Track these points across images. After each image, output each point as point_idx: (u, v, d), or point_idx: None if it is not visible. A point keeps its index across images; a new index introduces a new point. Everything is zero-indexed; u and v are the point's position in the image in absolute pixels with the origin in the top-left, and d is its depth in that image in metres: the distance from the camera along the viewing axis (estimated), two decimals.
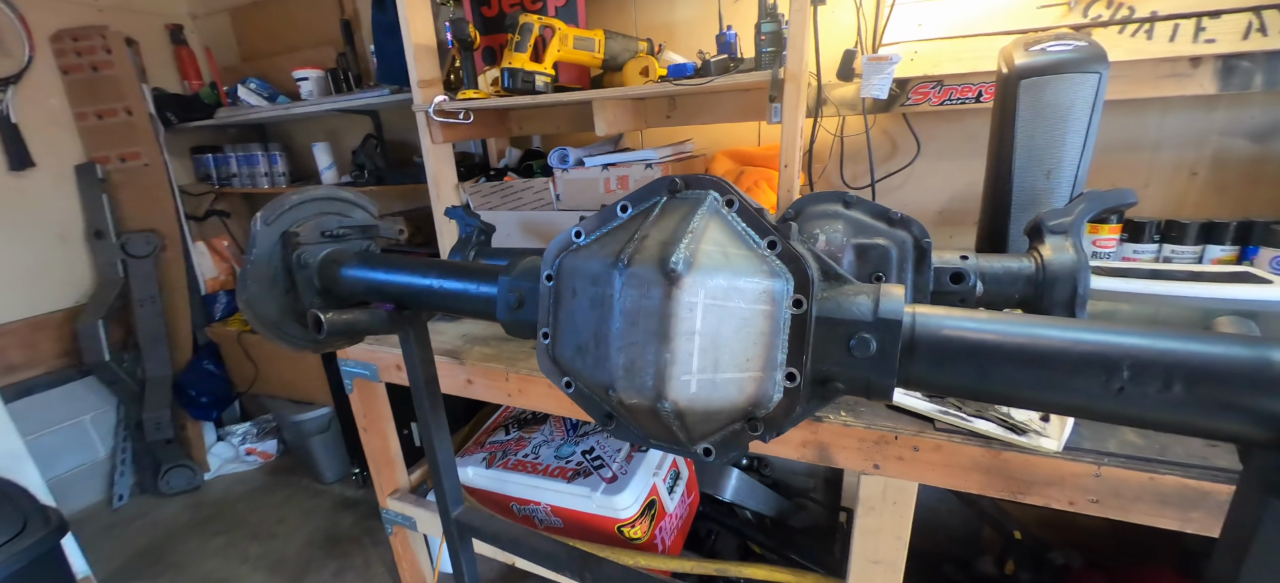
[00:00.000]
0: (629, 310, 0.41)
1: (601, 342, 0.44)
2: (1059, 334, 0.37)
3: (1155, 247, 0.90)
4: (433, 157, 1.28)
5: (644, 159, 1.12)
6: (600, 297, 0.44)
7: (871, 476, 0.70)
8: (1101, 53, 0.74)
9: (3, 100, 1.78)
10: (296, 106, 1.80)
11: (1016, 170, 0.80)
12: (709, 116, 1.30)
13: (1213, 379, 0.32)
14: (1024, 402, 0.39)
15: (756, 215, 0.44)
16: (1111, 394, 0.35)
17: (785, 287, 0.42)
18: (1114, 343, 0.35)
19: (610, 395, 0.44)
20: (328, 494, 1.99)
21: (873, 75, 0.92)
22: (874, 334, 0.41)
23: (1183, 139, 0.98)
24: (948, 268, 0.71)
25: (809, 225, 0.75)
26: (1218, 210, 0.98)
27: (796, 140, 0.89)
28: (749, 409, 0.43)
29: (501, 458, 1.19)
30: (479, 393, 0.97)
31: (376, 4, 1.39)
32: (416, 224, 1.76)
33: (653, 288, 0.40)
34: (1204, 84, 0.87)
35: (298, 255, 0.78)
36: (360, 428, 1.22)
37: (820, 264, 0.45)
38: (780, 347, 0.42)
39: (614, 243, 0.46)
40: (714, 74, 0.94)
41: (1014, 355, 0.38)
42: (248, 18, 2.14)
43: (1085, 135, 0.76)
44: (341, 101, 1.71)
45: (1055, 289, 0.67)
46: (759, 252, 0.43)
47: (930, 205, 1.21)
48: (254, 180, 2.13)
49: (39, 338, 1.90)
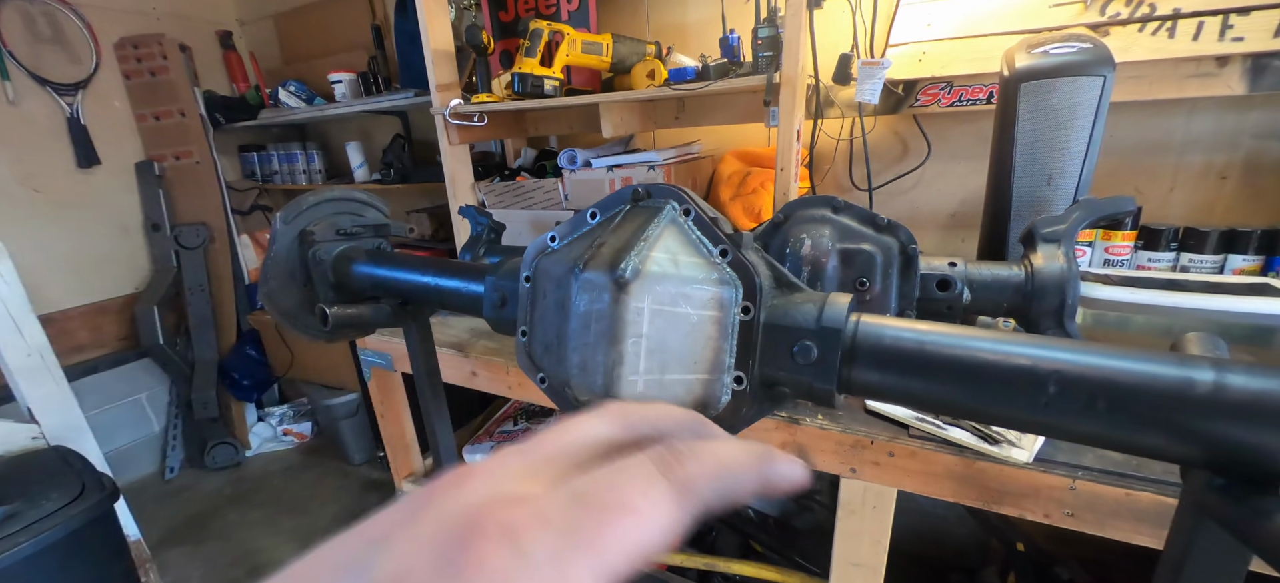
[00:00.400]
0: (583, 313, 0.44)
1: (562, 341, 0.47)
2: (991, 347, 0.37)
3: (1172, 255, 0.86)
4: (450, 157, 1.34)
5: (647, 161, 1.14)
6: (562, 299, 0.47)
7: (851, 479, 0.70)
8: (1107, 55, 0.71)
9: (73, 103, 1.95)
10: (331, 108, 1.90)
11: (1017, 176, 0.78)
12: (718, 117, 1.31)
13: (1136, 399, 0.32)
14: (960, 411, 0.39)
15: (711, 224, 0.46)
16: (1040, 408, 0.35)
17: (734, 294, 0.44)
18: (1041, 358, 0.35)
19: (567, 392, 0.47)
20: (355, 475, 2.11)
21: (866, 80, 0.91)
22: (815, 341, 0.42)
23: (1212, 141, 0.93)
24: (934, 275, 0.71)
25: (797, 229, 0.76)
26: (1251, 217, 0.92)
27: (793, 144, 0.89)
28: (698, 409, 0.45)
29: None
30: (482, 385, 1.02)
31: (399, 11, 1.46)
32: (439, 221, 1.83)
33: (603, 293, 0.43)
34: (1232, 84, 0.82)
35: (313, 252, 0.84)
36: (377, 414, 1.29)
37: (773, 272, 0.47)
38: (729, 351, 0.44)
39: (578, 248, 0.49)
40: (713, 78, 0.95)
41: (948, 365, 0.38)
42: (290, 23, 2.26)
43: (1089, 140, 0.74)
44: (371, 103, 1.79)
45: (1043, 298, 0.66)
46: (711, 260, 0.45)
47: (943, 208, 1.19)
48: (293, 177, 2.26)
49: (102, 321, 2.08)
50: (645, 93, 1.08)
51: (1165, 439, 0.33)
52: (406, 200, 2.11)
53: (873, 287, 0.71)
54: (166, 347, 2.10)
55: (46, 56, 1.90)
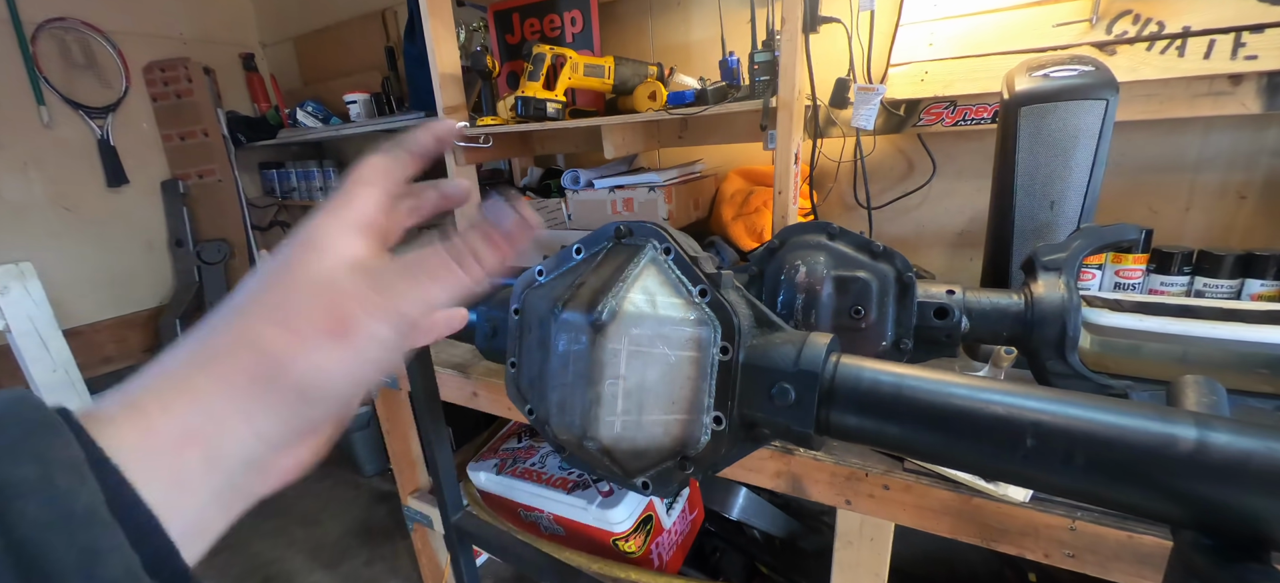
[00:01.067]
0: (562, 354, 0.44)
1: (544, 379, 0.47)
2: (967, 394, 0.37)
3: (1186, 279, 0.83)
4: (456, 177, 1.36)
5: (648, 182, 1.15)
6: (544, 337, 0.48)
7: (847, 511, 0.69)
8: (1110, 78, 0.70)
9: (103, 126, 2.04)
10: (346, 128, 1.95)
11: (1018, 200, 0.76)
12: (721, 137, 1.31)
13: (1116, 455, 0.31)
14: (937, 458, 0.38)
15: (690, 263, 0.46)
16: (1017, 459, 0.34)
17: (713, 334, 0.44)
18: (1020, 407, 0.34)
19: (548, 429, 0.47)
20: (367, 487, 2.14)
21: (862, 105, 0.90)
22: (793, 383, 0.41)
23: (1229, 160, 0.90)
24: (932, 303, 0.70)
25: (792, 256, 0.75)
26: (1270, 239, 0.89)
27: (790, 167, 0.89)
28: (678, 449, 0.45)
29: (511, 465, 1.25)
30: (484, 405, 1.03)
31: (407, 36, 1.49)
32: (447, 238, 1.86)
33: (581, 334, 0.43)
34: (1247, 103, 0.80)
35: None
36: (385, 431, 1.31)
37: (754, 312, 0.46)
38: (707, 391, 0.44)
39: (561, 286, 0.49)
40: (711, 102, 0.95)
41: (925, 411, 0.38)
42: (309, 45, 2.33)
43: (1092, 164, 0.72)
44: (385, 123, 1.84)
45: (1043, 328, 0.64)
46: (690, 300, 0.45)
47: (949, 227, 1.17)
48: (311, 194, 2.33)
49: (128, 334, 2.16)
50: (645, 115, 1.09)
51: (1147, 498, 0.32)
52: None
53: (868, 315, 0.70)
54: None
55: (79, 81, 1.99)
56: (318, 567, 1.74)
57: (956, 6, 0.95)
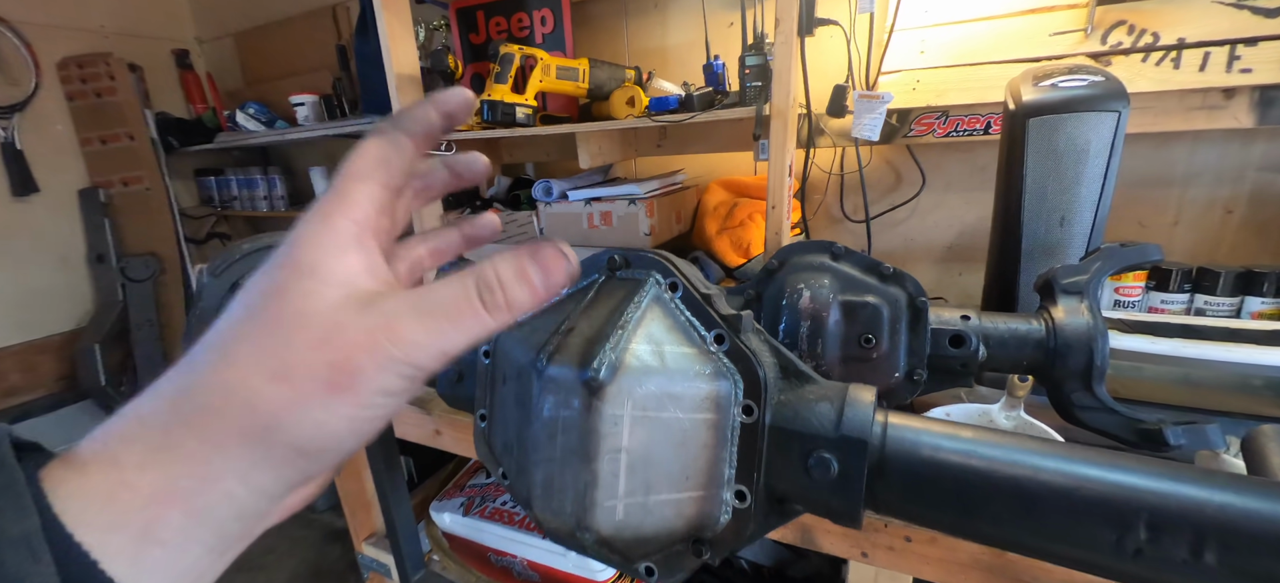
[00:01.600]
0: (549, 420, 0.36)
1: (522, 447, 0.38)
2: (1063, 468, 0.30)
3: (1186, 296, 0.81)
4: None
5: (628, 195, 1.07)
6: (523, 395, 0.39)
7: (861, 564, 0.63)
8: (1120, 89, 0.66)
9: (9, 127, 1.81)
10: (292, 132, 1.79)
11: (1026, 217, 0.72)
12: (701, 146, 1.25)
13: (1263, 552, 0.25)
14: (1015, 547, 0.32)
15: (703, 303, 0.38)
16: (1127, 556, 0.28)
17: (733, 390, 0.36)
18: (1131, 488, 0.28)
19: (531, 512, 0.38)
20: (318, 524, 1.96)
21: (864, 114, 0.85)
22: (835, 453, 0.34)
23: (1216, 174, 0.89)
24: (947, 330, 0.64)
25: (794, 278, 0.68)
26: (1258, 253, 0.88)
27: (784, 180, 0.83)
28: (692, 531, 0.37)
29: (479, 504, 1.14)
30: (447, 444, 0.92)
31: (360, 33, 1.37)
32: None
33: (572, 397, 0.34)
34: (1239, 117, 0.79)
35: None
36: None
37: (778, 358, 0.39)
38: (728, 460, 0.36)
39: (543, 329, 0.40)
40: (697, 109, 0.88)
41: (1004, 491, 0.31)
42: (251, 42, 2.15)
43: (1104, 179, 0.68)
44: (336, 128, 1.69)
45: (1068, 358, 0.60)
46: (704, 348, 0.37)
47: (939, 240, 1.13)
48: (254, 203, 2.14)
49: (39, 361, 1.91)
50: (624, 122, 1.01)
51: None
52: None
53: (880, 344, 0.63)
54: (110, 388, 1.94)
55: None
56: None
57: (948, 13, 0.92)
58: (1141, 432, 0.56)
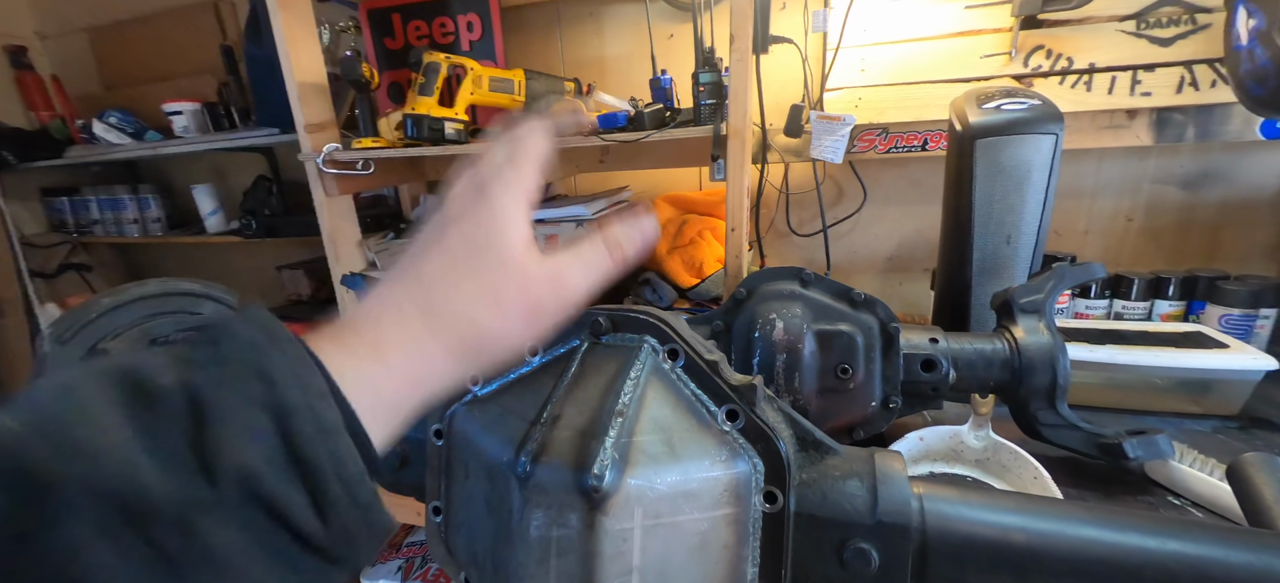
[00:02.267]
0: (538, 541, 0.29)
1: (501, 569, 0.31)
2: (1109, 538, 0.28)
3: (1106, 302, 0.88)
4: (327, 212, 1.10)
5: (575, 217, 1.00)
6: (498, 503, 0.31)
7: None
8: (1057, 111, 0.70)
9: None
10: (168, 145, 1.54)
11: (976, 235, 0.74)
12: (645, 162, 1.20)
13: None
14: None
15: (710, 373, 0.33)
16: None
17: (752, 472, 0.31)
18: (1198, 557, 0.26)
19: None
20: None
21: (824, 135, 0.84)
22: (874, 543, 0.30)
23: (1119, 187, 0.98)
24: (918, 354, 0.64)
25: (764, 308, 0.65)
26: (1155, 258, 0.98)
27: (742, 200, 0.80)
28: None
29: (420, 566, 1.02)
30: None
31: (250, 34, 1.19)
32: (320, 278, 1.54)
33: (568, 512, 0.28)
34: (1140, 135, 0.87)
35: None
36: None
37: (795, 429, 0.35)
38: (750, 559, 0.31)
39: (515, 414, 0.33)
40: (649, 127, 0.84)
41: (1060, 569, 0.29)
42: (110, 40, 1.83)
43: (1044, 197, 0.72)
44: (224, 140, 1.47)
45: (1032, 377, 0.61)
46: (715, 427, 0.32)
47: (879, 252, 1.17)
48: (121, 228, 1.82)
49: None
50: (570, 141, 0.94)
51: None
52: (279, 254, 1.77)
53: (856, 374, 0.62)
54: None
55: None
56: None
57: (886, 33, 0.94)
58: (1102, 446, 0.58)
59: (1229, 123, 0.84)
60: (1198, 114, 0.84)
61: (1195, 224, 0.95)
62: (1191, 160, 0.93)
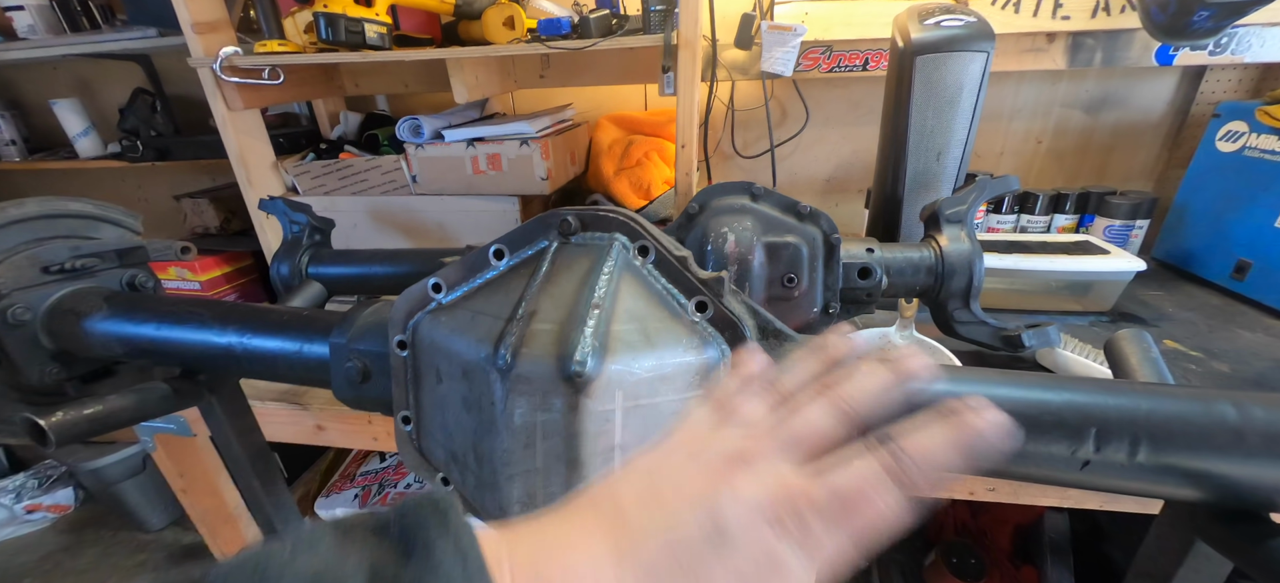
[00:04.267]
0: (523, 426, 0.30)
1: (484, 460, 0.32)
2: (1027, 396, 0.33)
3: (1014, 217, 0.97)
4: (232, 128, 0.98)
5: (519, 134, 0.95)
6: (476, 399, 0.32)
7: None
8: (990, 29, 0.73)
9: None
10: (11, 49, 1.28)
11: (910, 153, 0.78)
12: (589, 78, 1.15)
13: (1173, 440, 0.30)
14: (987, 471, 0.35)
15: (680, 268, 0.34)
16: (1077, 466, 0.32)
17: (720, 358, 0.33)
18: (1082, 405, 0.32)
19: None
20: (157, 544, 1.62)
21: (775, 47, 0.84)
22: None
23: (1032, 110, 1.06)
24: (856, 263, 0.68)
25: (716, 221, 0.67)
26: (1057, 177, 1.09)
27: (693, 116, 0.79)
28: None
29: (378, 492, 1.02)
30: (334, 440, 0.79)
31: None
32: (230, 208, 1.39)
33: (551, 397, 0.29)
34: (1056, 59, 0.93)
35: (1, 310, 0.52)
36: (176, 490, 0.95)
37: (757, 319, 0.37)
38: None
39: (488, 314, 0.33)
40: (595, 35, 0.79)
41: None
42: None
43: (972, 115, 0.76)
44: (80, 43, 1.24)
45: (953, 279, 0.68)
46: (686, 318, 0.33)
47: (818, 174, 1.21)
48: None
49: None
50: (506, 49, 0.88)
51: (1188, 481, 0.33)
52: (175, 182, 1.58)
53: (800, 283, 0.66)
54: None
55: None
56: None
57: None
58: (1004, 338, 0.66)
59: (1131, 48, 0.92)
60: (1107, 40, 0.91)
61: (1092, 146, 1.06)
62: (1096, 85, 1.02)
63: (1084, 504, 0.60)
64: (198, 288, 1.30)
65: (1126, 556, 0.97)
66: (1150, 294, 0.86)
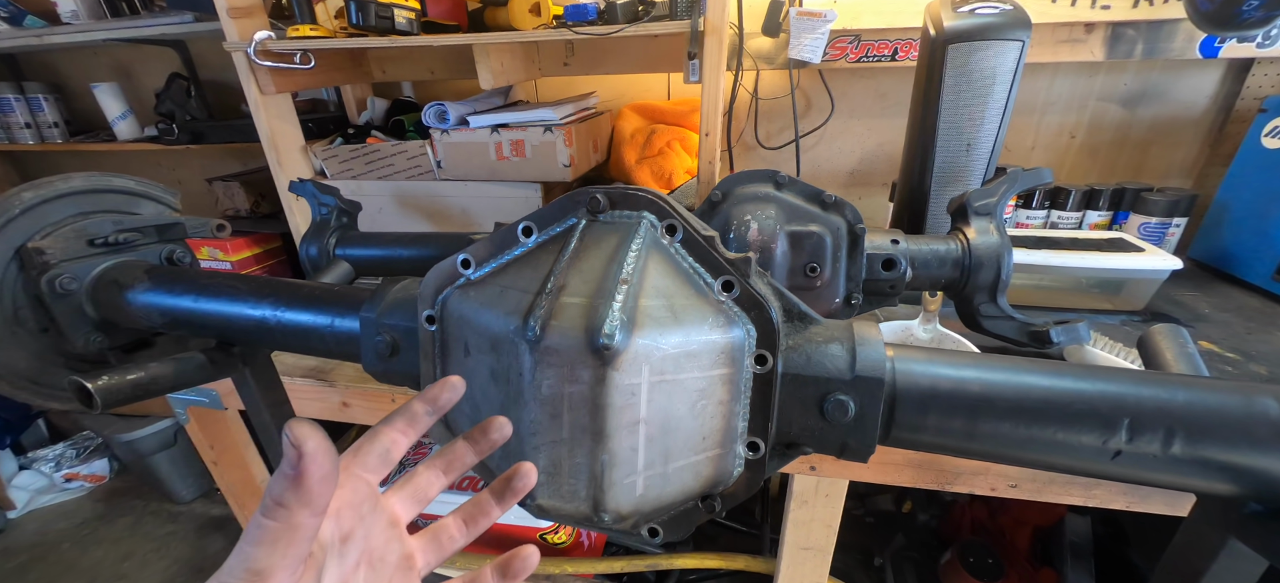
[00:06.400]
0: (548, 398, 0.30)
1: (513, 431, 0.33)
2: (1055, 384, 0.33)
3: (1044, 212, 0.95)
4: (264, 111, 1.00)
5: (542, 121, 0.95)
6: (504, 371, 0.32)
7: (806, 475, 0.67)
8: (1026, 18, 0.71)
9: None
10: (55, 33, 1.33)
11: (939, 142, 0.77)
12: (613, 66, 1.15)
13: (1210, 433, 0.29)
14: (1014, 460, 0.35)
15: (707, 247, 0.34)
16: (1109, 455, 0.32)
17: (745, 338, 0.33)
18: (1115, 395, 0.31)
19: (531, 502, 0.33)
20: (187, 516, 1.69)
21: (803, 34, 0.83)
22: (852, 395, 0.34)
23: (1067, 103, 1.03)
24: (880, 254, 0.67)
25: (739, 209, 0.67)
26: (1090, 172, 1.05)
27: (718, 104, 0.79)
28: (707, 489, 0.35)
29: (398, 471, 1.04)
30: (359, 417, 0.81)
31: None
32: (260, 191, 1.43)
33: (579, 369, 0.29)
34: (1094, 50, 0.90)
35: (51, 280, 0.54)
36: (207, 461, 0.98)
37: (782, 302, 0.37)
38: (741, 414, 0.34)
39: (517, 288, 0.34)
40: (621, 21, 0.79)
41: (1004, 410, 0.33)
42: None
43: (1005, 106, 0.75)
44: (124, 28, 1.28)
45: (980, 273, 0.66)
46: (712, 297, 0.33)
47: (842, 166, 1.20)
48: (10, 134, 1.59)
49: None
50: (531, 35, 0.88)
51: (1225, 475, 0.32)
52: (207, 165, 1.62)
53: (823, 272, 0.65)
54: None
55: None
56: None
57: None
58: (1031, 334, 0.65)
59: (1174, 40, 0.89)
60: (1148, 30, 0.88)
61: (1128, 141, 1.03)
62: (1134, 78, 0.98)
63: (1109, 505, 0.59)
64: (229, 268, 1.34)
65: (1151, 560, 0.95)
66: (1186, 294, 0.83)
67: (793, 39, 0.87)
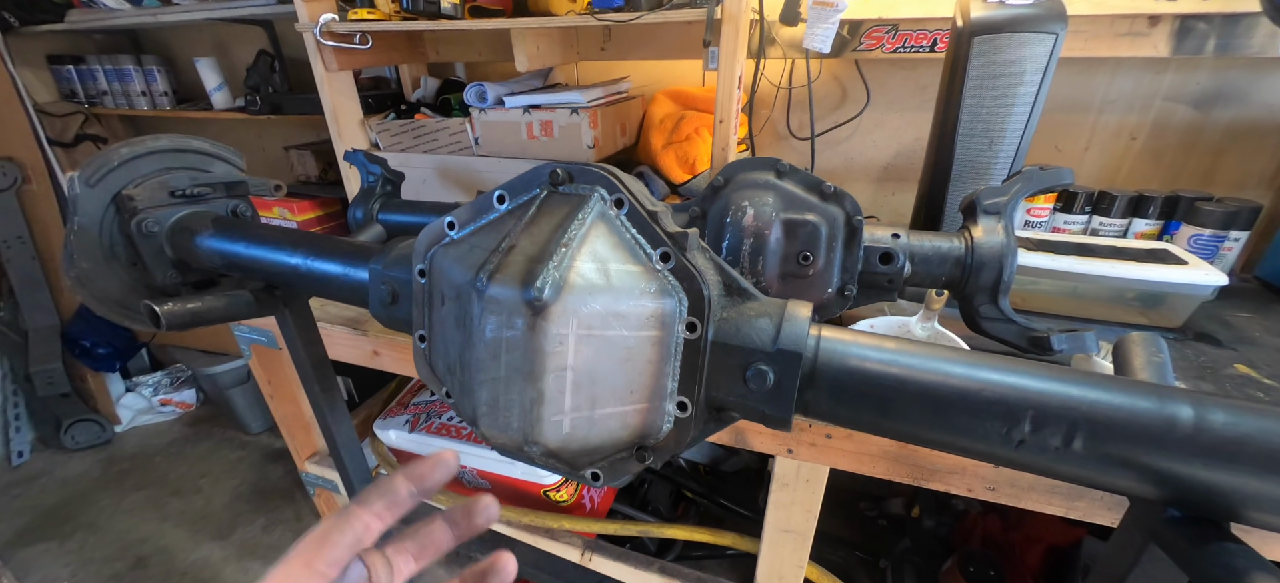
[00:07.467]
0: (491, 340, 0.35)
1: (465, 368, 0.38)
2: (967, 373, 0.33)
3: (1085, 217, 0.89)
4: (329, 87, 1.11)
5: (570, 103, 1.00)
6: (464, 315, 0.37)
7: (786, 458, 0.69)
8: (1061, 10, 0.67)
9: None
10: (166, 12, 1.51)
11: (960, 138, 0.74)
12: (648, 51, 1.17)
13: (1116, 436, 0.30)
14: (923, 442, 0.36)
15: (649, 220, 0.37)
16: (1012, 445, 0.32)
17: (678, 307, 0.36)
18: (1021, 387, 0.31)
19: (477, 429, 0.38)
20: (255, 445, 1.91)
21: (818, 23, 0.82)
22: (772, 365, 0.36)
23: (1128, 103, 0.95)
24: (877, 248, 0.67)
25: (738, 196, 0.68)
26: (1150, 178, 0.97)
27: (733, 92, 0.80)
28: (636, 440, 0.39)
29: (425, 421, 1.14)
30: (387, 364, 0.90)
31: None
32: (328, 160, 1.57)
33: (515, 316, 0.33)
34: (1158, 45, 0.83)
35: (139, 223, 0.65)
36: (266, 395, 1.12)
37: (722, 276, 0.39)
38: (671, 375, 0.37)
39: (482, 247, 0.38)
40: (644, 8, 0.82)
41: (915, 394, 0.34)
42: None
43: (1034, 102, 0.71)
44: (222, 9, 1.44)
45: (981, 273, 0.65)
46: (649, 266, 0.36)
47: (876, 161, 1.16)
48: (130, 100, 1.84)
49: None
50: (565, 20, 0.93)
51: (1135, 477, 0.32)
52: (284, 134, 1.79)
53: (816, 261, 0.66)
54: None
55: None
56: (204, 539, 1.55)
57: None
58: (1032, 339, 0.63)
59: (1253, 35, 0.80)
60: (1222, 24, 0.80)
61: (1199, 146, 0.94)
62: (1208, 77, 0.89)
63: (1092, 519, 0.57)
64: (295, 225, 1.49)
65: None
66: (1237, 315, 0.77)
67: (808, 29, 0.86)
